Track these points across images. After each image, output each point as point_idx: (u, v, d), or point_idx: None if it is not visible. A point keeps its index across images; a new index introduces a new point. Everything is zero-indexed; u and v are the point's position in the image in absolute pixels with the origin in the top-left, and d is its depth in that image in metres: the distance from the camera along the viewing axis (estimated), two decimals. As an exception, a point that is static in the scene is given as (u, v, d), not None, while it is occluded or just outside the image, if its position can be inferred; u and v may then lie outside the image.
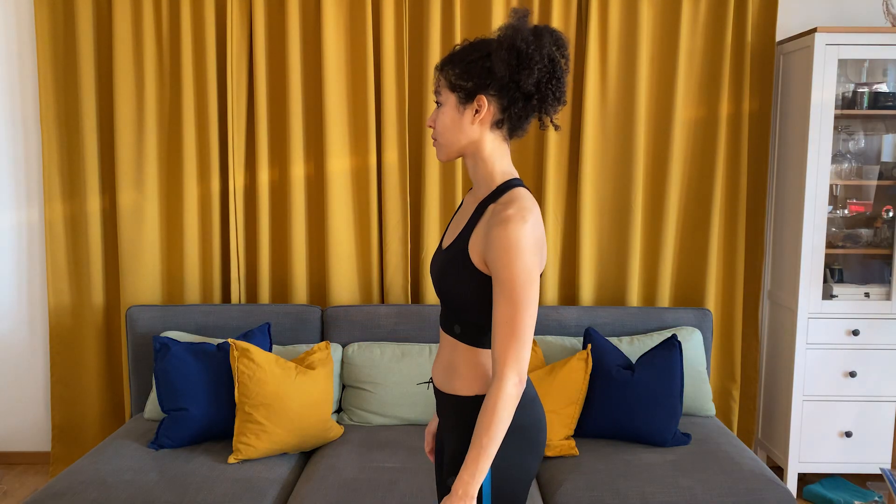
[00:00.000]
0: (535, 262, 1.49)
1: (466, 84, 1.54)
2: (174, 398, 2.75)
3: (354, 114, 3.26)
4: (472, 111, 1.55)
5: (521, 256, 1.46)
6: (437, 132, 1.61)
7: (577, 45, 3.28)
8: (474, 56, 1.54)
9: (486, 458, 1.46)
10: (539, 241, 1.52)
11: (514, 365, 1.46)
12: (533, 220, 1.50)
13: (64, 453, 3.44)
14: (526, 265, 1.47)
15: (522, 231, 1.47)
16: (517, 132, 1.60)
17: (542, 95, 1.53)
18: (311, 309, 3.17)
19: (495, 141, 1.58)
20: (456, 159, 1.67)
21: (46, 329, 3.50)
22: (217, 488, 2.44)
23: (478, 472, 1.46)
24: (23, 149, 3.43)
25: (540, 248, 1.53)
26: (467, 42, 1.58)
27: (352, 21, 3.23)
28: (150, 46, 3.23)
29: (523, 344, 1.47)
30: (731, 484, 2.48)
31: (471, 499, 1.46)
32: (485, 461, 1.46)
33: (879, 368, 3.19)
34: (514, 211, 1.49)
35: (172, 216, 3.33)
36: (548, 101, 1.54)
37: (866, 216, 3.31)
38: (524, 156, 3.34)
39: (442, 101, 1.59)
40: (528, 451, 1.60)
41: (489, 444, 1.45)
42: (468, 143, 1.58)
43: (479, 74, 1.53)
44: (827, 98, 3.06)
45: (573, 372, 2.78)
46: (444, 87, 1.57)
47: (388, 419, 2.97)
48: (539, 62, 1.51)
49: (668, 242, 3.32)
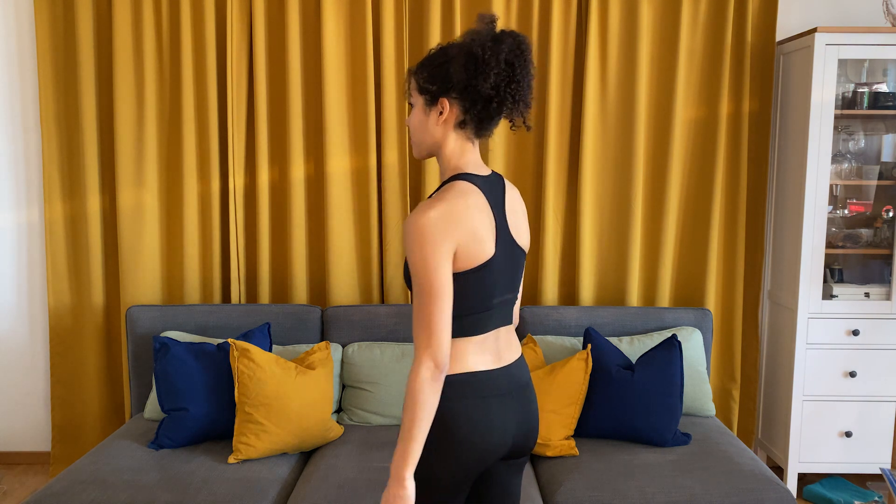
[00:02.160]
0: (440, 250, 1.53)
1: (431, 87, 1.64)
2: (174, 398, 2.75)
3: (354, 114, 3.26)
4: (437, 113, 1.66)
5: (422, 244, 1.53)
6: (410, 131, 1.72)
7: (578, 45, 3.28)
8: (438, 61, 1.64)
9: (411, 441, 1.52)
10: (454, 229, 1.55)
11: (425, 350, 1.53)
12: (444, 209, 1.55)
13: (64, 453, 3.44)
14: (426, 253, 1.53)
15: (424, 219, 1.53)
16: (483, 133, 1.69)
17: (501, 98, 1.61)
18: (311, 309, 3.17)
19: (458, 140, 1.67)
20: (428, 157, 1.76)
21: (46, 329, 3.50)
22: (217, 488, 2.44)
23: (406, 455, 1.52)
24: (23, 149, 3.43)
25: (456, 237, 1.56)
26: (438, 47, 1.68)
27: (352, 21, 3.23)
28: (150, 46, 3.23)
29: (433, 331, 1.53)
30: (731, 484, 2.48)
31: (399, 481, 1.52)
32: (409, 444, 1.52)
33: (879, 368, 3.19)
34: (427, 201, 1.58)
35: (172, 216, 3.33)
36: (506, 103, 1.62)
37: (866, 216, 3.31)
38: (524, 156, 3.34)
39: (413, 103, 1.70)
40: (437, 448, 1.60)
41: (410, 426, 1.52)
42: (433, 142, 1.69)
43: (442, 79, 1.63)
44: (827, 98, 3.06)
45: (573, 372, 2.78)
46: (415, 89, 1.69)
47: (388, 419, 2.97)
48: (495, 67, 1.58)
49: (668, 242, 3.32)
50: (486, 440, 1.64)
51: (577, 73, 3.29)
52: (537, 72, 3.26)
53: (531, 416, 1.74)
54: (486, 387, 1.66)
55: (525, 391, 1.74)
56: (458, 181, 1.63)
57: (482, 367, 1.66)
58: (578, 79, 3.29)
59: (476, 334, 1.67)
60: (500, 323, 1.72)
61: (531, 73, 1.64)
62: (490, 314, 1.68)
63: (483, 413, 1.64)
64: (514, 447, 1.71)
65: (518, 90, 1.61)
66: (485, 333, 1.68)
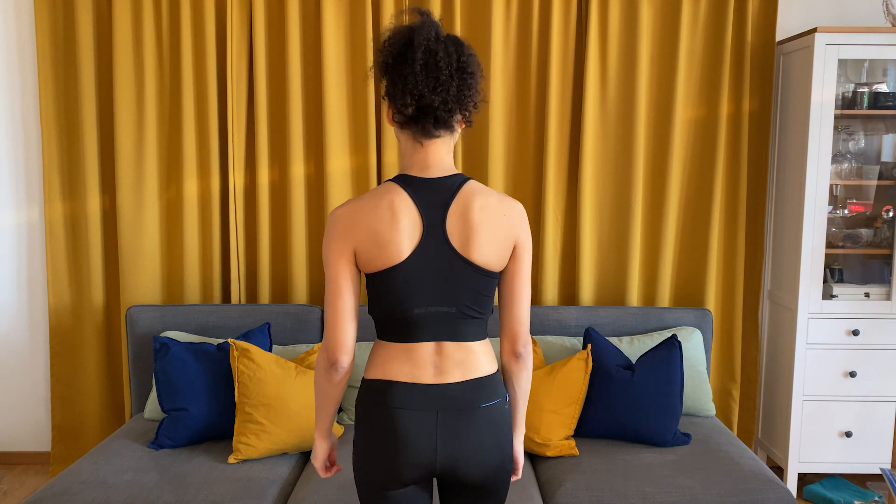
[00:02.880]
0: (333, 246, 1.59)
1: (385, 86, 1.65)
2: (174, 398, 2.75)
3: (354, 114, 3.26)
4: (386, 113, 1.67)
5: (325, 238, 1.62)
6: None
7: (578, 45, 3.28)
8: (377, 59, 1.65)
9: (315, 415, 1.73)
10: (350, 228, 1.57)
11: (323, 340, 1.64)
12: (349, 207, 1.59)
13: (64, 453, 3.44)
14: (324, 246, 1.62)
15: (331, 215, 1.61)
16: (416, 135, 1.62)
17: (392, 98, 1.60)
18: (311, 309, 3.17)
19: (406, 141, 1.65)
20: None
21: (46, 329, 3.50)
22: (217, 488, 2.44)
23: (315, 431, 1.76)
24: (23, 149, 3.43)
25: (354, 236, 1.57)
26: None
27: (352, 21, 3.23)
28: (150, 46, 3.23)
29: (327, 324, 1.62)
30: (731, 484, 2.48)
31: (313, 452, 1.78)
32: (315, 416, 1.74)
33: (879, 368, 3.19)
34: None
35: (172, 216, 3.33)
36: (397, 103, 1.58)
37: (866, 216, 3.31)
38: (524, 156, 3.34)
39: None
40: (355, 448, 1.69)
41: (315, 404, 1.72)
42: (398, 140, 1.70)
43: (379, 78, 1.65)
44: (827, 98, 3.06)
45: (573, 372, 2.78)
46: None
47: (388, 419, 2.96)
48: (409, 69, 1.54)
49: (668, 242, 3.32)
50: (392, 450, 1.59)
51: (577, 73, 3.28)
52: (538, 72, 3.26)
53: (466, 444, 1.60)
54: (403, 399, 1.60)
55: (465, 416, 1.60)
56: (389, 181, 1.62)
57: (402, 378, 1.61)
58: (578, 79, 3.29)
59: (398, 341, 1.63)
60: (439, 336, 1.62)
61: (448, 71, 1.55)
62: (413, 324, 1.61)
63: (391, 423, 1.59)
64: (440, 472, 1.62)
65: (404, 89, 1.55)
66: (410, 343, 1.62)
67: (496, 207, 1.62)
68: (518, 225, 1.65)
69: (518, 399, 1.76)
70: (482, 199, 1.61)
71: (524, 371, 1.73)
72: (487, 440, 1.63)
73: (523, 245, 1.66)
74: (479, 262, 1.60)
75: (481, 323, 1.67)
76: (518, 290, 1.67)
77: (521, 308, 1.68)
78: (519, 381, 1.73)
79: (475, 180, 1.65)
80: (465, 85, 1.58)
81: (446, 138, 1.64)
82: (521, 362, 1.72)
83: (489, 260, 1.61)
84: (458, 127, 1.65)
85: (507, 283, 1.68)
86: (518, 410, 1.76)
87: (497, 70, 3.23)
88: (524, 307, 1.68)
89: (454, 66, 1.56)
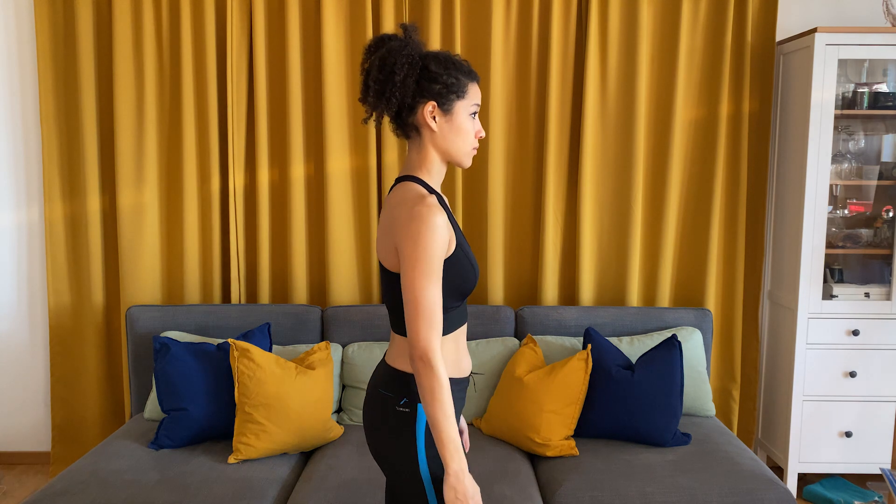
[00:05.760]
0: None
1: None
2: (174, 398, 2.75)
3: (354, 114, 3.26)
4: None
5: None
6: None
7: (578, 45, 3.28)
8: None
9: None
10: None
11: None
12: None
13: (64, 453, 3.44)
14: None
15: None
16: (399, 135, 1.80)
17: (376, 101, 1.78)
18: (311, 309, 3.17)
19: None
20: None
21: (46, 329, 3.50)
22: (217, 488, 2.44)
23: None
24: (23, 149, 3.43)
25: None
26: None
27: (352, 21, 3.23)
28: (150, 46, 3.23)
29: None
30: (731, 484, 2.48)
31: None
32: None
33: (879, 368, 3.19)
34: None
35: (172, 216, 3.33)
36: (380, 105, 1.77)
37: (866, 216, 3.31)
38: (524, 156, 3.34)
39: None
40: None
41: None
42: None
43: None
44: (827, 98, 3.06)
45: (573, 372, 2.78)
46: None
47: (388, 419, 2.96)
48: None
49: (668, 242, 3.32)
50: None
51: (577, 73, 3.29)
52: (538, 72, 3.26)
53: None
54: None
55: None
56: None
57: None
58: (578, 79, 3.29)
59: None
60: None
61: (384, 75, 1.73)
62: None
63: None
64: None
65: (387, 89, 1.73)
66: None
67: (394, 201, 1.70)
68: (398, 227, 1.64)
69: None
70: (393, 194, 1.75)
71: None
72: (368, 418, 1.76)
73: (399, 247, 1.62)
74: (380, 259, 1.72)
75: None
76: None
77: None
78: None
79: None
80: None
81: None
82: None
83: (383, 257, 1.69)
84: (417, 131, 1.75)
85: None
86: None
87: (497, 70, 3.23)
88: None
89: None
